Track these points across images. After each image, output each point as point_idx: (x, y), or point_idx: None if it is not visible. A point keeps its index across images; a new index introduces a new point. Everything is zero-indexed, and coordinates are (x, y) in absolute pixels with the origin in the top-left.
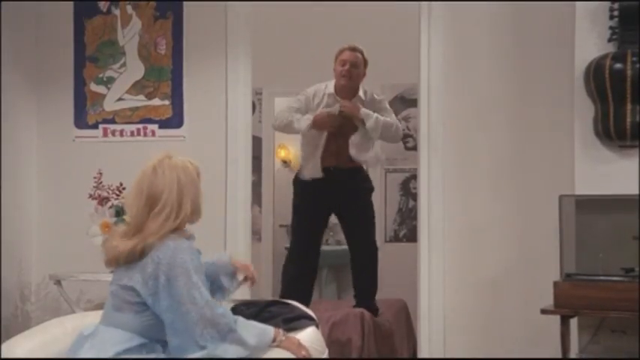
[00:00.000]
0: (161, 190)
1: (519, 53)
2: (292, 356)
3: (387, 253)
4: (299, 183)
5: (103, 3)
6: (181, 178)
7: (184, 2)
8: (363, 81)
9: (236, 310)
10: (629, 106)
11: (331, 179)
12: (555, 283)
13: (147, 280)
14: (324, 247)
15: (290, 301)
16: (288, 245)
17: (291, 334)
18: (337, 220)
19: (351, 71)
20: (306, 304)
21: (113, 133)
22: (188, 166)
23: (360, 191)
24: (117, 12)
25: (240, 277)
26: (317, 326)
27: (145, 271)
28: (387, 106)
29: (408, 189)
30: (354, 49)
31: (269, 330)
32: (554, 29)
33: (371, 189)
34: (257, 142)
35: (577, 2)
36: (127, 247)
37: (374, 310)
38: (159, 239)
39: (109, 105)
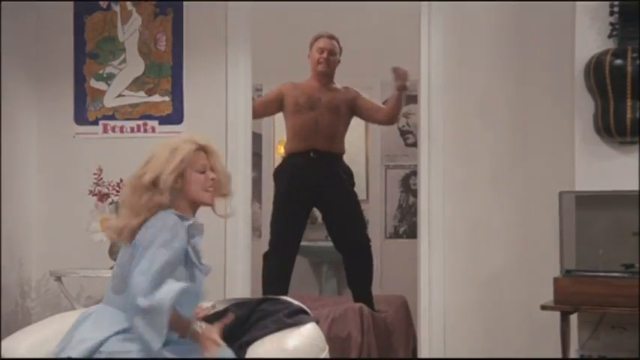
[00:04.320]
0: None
1: (519, 49)
2: (284, 356)
3: (387, 250)
4: (279, 175)
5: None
6: (159, 152)
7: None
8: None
9: (228, 311)
10: (629, 102)
11: (311, 166)
12: (555, 279)
13: (134, 251)
14: (323, 244)
15: (280, 297)
16: None
17: (291, 330)
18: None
19: (329, 59)
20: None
21: (113, 129)
22: (178, 143)
23: (344, 182)
24: (117, 8)
25: None
26: (317, 322)
27: (134, 244)
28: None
29: (408, 185)
30: (331, 37)
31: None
32: (554, 25)
33: (353, 184)
34: (257, 139)
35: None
36: (119, 223)
37: (371, 307)
38: (150, 214)
39: (109, 101)
